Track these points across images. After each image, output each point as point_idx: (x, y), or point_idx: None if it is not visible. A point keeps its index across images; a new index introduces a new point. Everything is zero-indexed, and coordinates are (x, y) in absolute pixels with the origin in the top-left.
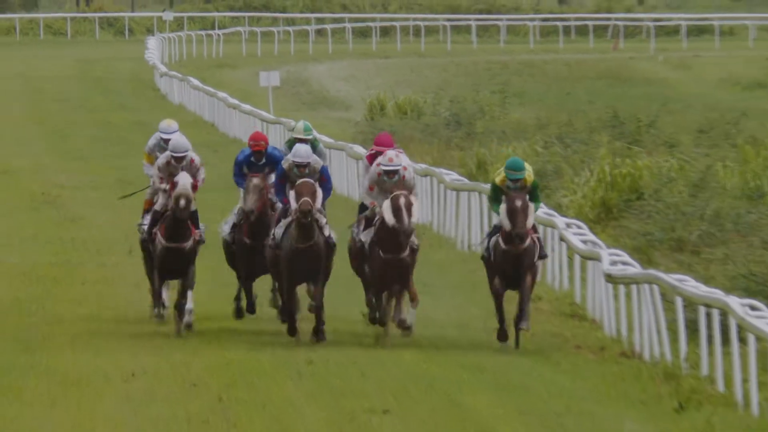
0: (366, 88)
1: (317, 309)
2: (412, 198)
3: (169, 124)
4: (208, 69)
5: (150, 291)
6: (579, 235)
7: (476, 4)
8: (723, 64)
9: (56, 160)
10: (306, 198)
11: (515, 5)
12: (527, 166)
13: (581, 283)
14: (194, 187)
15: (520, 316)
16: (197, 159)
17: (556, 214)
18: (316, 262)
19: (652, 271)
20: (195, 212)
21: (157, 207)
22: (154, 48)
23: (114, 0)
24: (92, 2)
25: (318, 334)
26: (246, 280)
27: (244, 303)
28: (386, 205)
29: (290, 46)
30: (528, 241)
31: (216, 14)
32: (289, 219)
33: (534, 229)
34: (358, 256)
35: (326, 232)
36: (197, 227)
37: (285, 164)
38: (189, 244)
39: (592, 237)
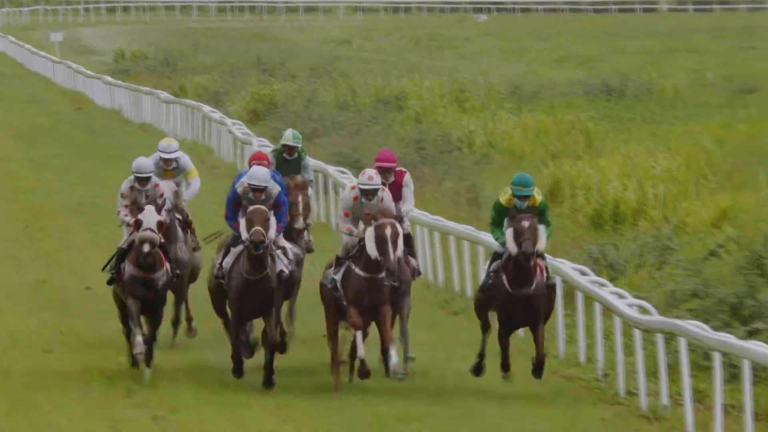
0: (113, 43)
1: (270, 347)
2: (399, 227)
3: (169, 143)
4: (19, 31)
5: (124, 332)
6: (239, 128)
7: None
8: (324, 30)
9: None
10: (258, 228)
11: None
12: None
13: (241, 161)
14: (161, 226)
15: (537, 365)
16: (163, 185)
17: (225, 117)
18: (268, 295)
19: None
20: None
21: (121, 244)
22: None
23: None
24: None
25: (267, 377)
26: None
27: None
28: (370, 234)
29: (69, 18)
30: (536, 281)
31: None
32: (239, 248)
33: (541, 256)
34: (328, 296)
35: (279, 265)
36: (168, 258)
37: (240, 188)
38: (159, 275)
39: (246, 130)
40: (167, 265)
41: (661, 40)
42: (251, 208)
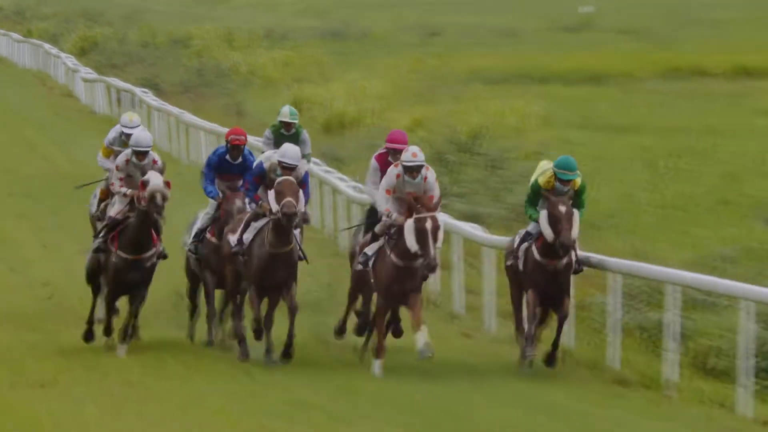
0: None
1: (291, 315)
2: (438, 219)
3: (131, 118)
4: None
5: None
6: (71, 60)
7: None
8: None
9: None
10: (290, 198)
11: None
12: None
13: (72, 83)
14: (168, 185)
15: (552, 355)
16: (160, 160)
17: (60, 52)
18: (291, 269)
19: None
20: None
21: (112, 213)
22: None
23: None
24: None
25: (287, 348)
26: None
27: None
28: (409, 226)
29: None
30: (565, 258)
31: None
32: (261, 222)
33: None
34: (356, 275)
35: (298, 239)
36: (159, 237)
37: (267, 164)
38: (150, 256)
39: (76, 62)
40: (159, 245)
41: None
42: (281, 179)
